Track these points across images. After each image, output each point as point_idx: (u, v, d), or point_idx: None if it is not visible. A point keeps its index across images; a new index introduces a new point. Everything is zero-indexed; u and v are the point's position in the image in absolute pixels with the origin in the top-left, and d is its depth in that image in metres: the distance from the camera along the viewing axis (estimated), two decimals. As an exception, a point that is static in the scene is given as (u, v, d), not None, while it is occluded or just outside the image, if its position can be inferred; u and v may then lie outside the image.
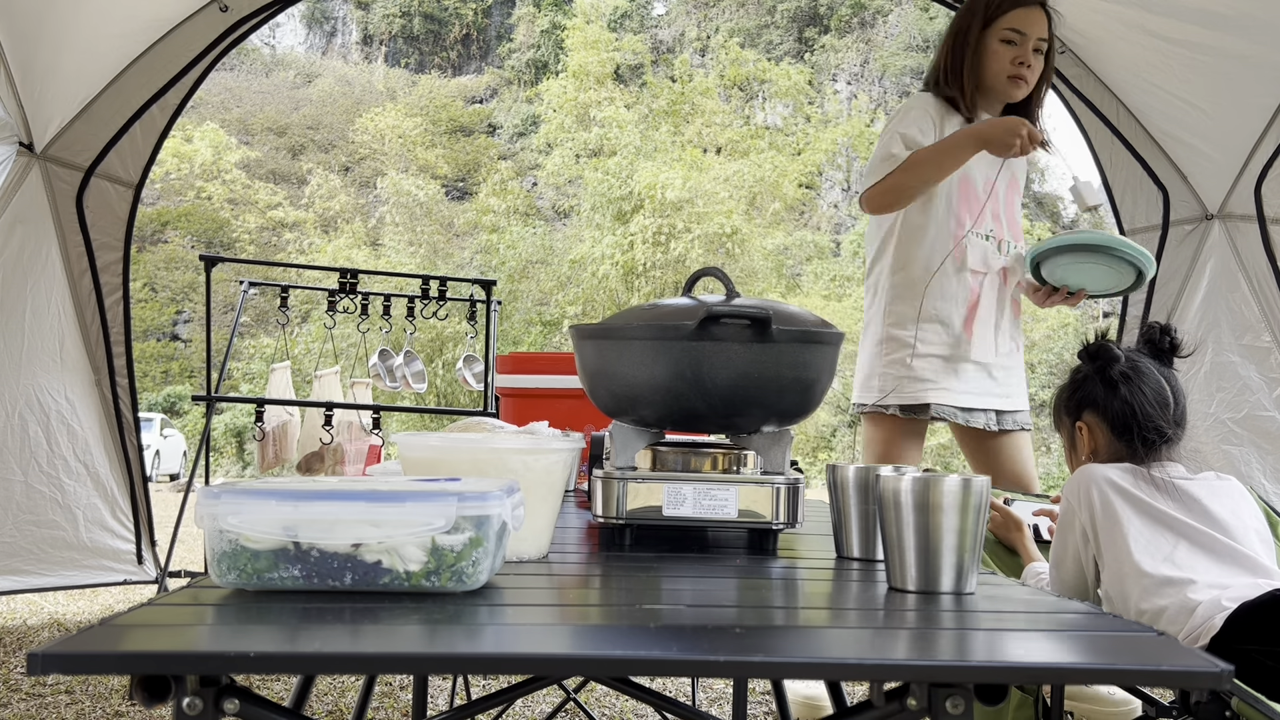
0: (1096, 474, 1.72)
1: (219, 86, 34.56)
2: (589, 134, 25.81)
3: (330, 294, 4.32)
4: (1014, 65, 2.36)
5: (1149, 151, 3.85)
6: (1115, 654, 0.82)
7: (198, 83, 4.00)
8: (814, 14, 34.78)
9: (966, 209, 2.41)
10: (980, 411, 2.44)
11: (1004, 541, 2.10)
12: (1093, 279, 2.35)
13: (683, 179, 21.20)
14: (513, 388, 2.94)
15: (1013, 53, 2.35)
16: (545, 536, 1.21)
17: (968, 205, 2.41)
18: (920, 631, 0.90)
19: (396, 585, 0.94)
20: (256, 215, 29.67)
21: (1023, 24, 2.35)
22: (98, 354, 4.07)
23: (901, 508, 1.07)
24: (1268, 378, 3.58)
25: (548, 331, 21.24)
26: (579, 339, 1.43)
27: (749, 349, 1.30)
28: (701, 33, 35.51)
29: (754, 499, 1.33)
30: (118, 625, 0.81)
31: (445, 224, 28.21)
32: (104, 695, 2.98)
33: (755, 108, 31.65)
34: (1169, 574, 1.60)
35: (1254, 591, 1.53)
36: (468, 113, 35.88)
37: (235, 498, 0.94)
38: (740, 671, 1.00)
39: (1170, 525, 1.66)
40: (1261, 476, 3.53)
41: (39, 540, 3.90)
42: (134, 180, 4.06)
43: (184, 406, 22.21)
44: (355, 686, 3.10)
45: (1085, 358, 1.87)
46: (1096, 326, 2.50)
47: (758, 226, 23.21)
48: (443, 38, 39.22)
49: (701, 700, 3.02)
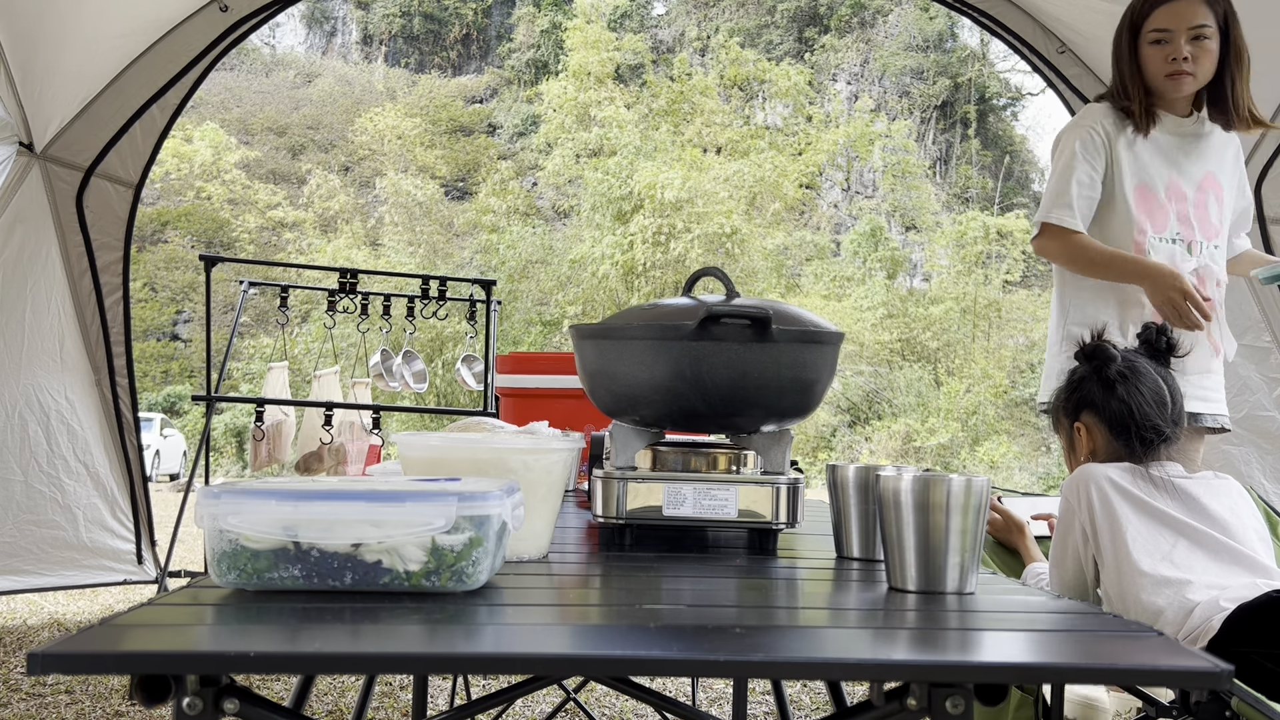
0: (1096, 473, 1.72)
1: (219, 86, 34.55)
2: (589, 134, 25.80)
3: (330, 294, 4.32)
4: (1168, 63, 2.33)
5: (1149, 151, 3.84)
6: (1115, 654, 0.82)
7: (198, 83, 4.01)
8: (814, 14, 34.76)
9: (1147, 215, 2.40)
10: None
11: (1005, 543, 2.10)
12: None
13: (682, 179, 21.20)
14: (513, 388, 2.94)
15: (1164, 51, 2.34)
16: (545, 536, 1.21)
17: (1148, 211, 2.40)
18: (920, 631, 0.90)
19: (396, 585, 0.94)
20: (256, 215, 29.65)
21: (1166, 20, 2.33)
22: (98, 354, 4.07)
23: (901, 508, 1.07)
24: (1268, 378, 3.58)
25: (548, 331, 21.24)
26: (579, 339, 1.43)
27: (749, 349, 1.30)
28: (701, 33, 35.50)
29: (754, 499, 1.33)
30: (118, 625, 0.81)
31: (445, 224, 28.19)
32: (104, 695, 2.98)
33: (755, 108, 31.64)
34: (1167, 574, 1.61)
35: (1252, 592, 1.53)
36: (468, 113, 35.87)
37: (235, 498, 0.94)
38: (740, 671, 1.00)
39: (1169, 524, 1.66)
40: (1261, 476, 3.53)
41: (39, 540, 3.90)
42: (134, 180, 4.06)
43: (184, 406, 22.19)
44: (355, 686, 3.10)
45: (1082, 358, 1.87)
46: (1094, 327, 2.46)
47: (758, 226, 23.21)
48: (443, 38, 39.21)
49: (701, 700, 3.02)
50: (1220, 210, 2.45)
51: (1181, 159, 2.42)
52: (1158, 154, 2.42)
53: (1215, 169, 2.46)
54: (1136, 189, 2.40)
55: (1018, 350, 23.58)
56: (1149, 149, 2.41)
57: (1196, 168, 2.43)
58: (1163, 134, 2.43)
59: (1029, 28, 3.85)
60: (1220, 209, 2.45)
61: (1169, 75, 2.34)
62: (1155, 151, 2.42)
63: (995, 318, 23.60)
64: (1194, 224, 2.41)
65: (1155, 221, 2.40)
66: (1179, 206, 2.41)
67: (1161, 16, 2.34)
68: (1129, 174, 2.40)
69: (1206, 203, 2.44)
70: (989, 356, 22.59)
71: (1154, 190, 2.40)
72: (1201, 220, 2.43)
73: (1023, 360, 23.26)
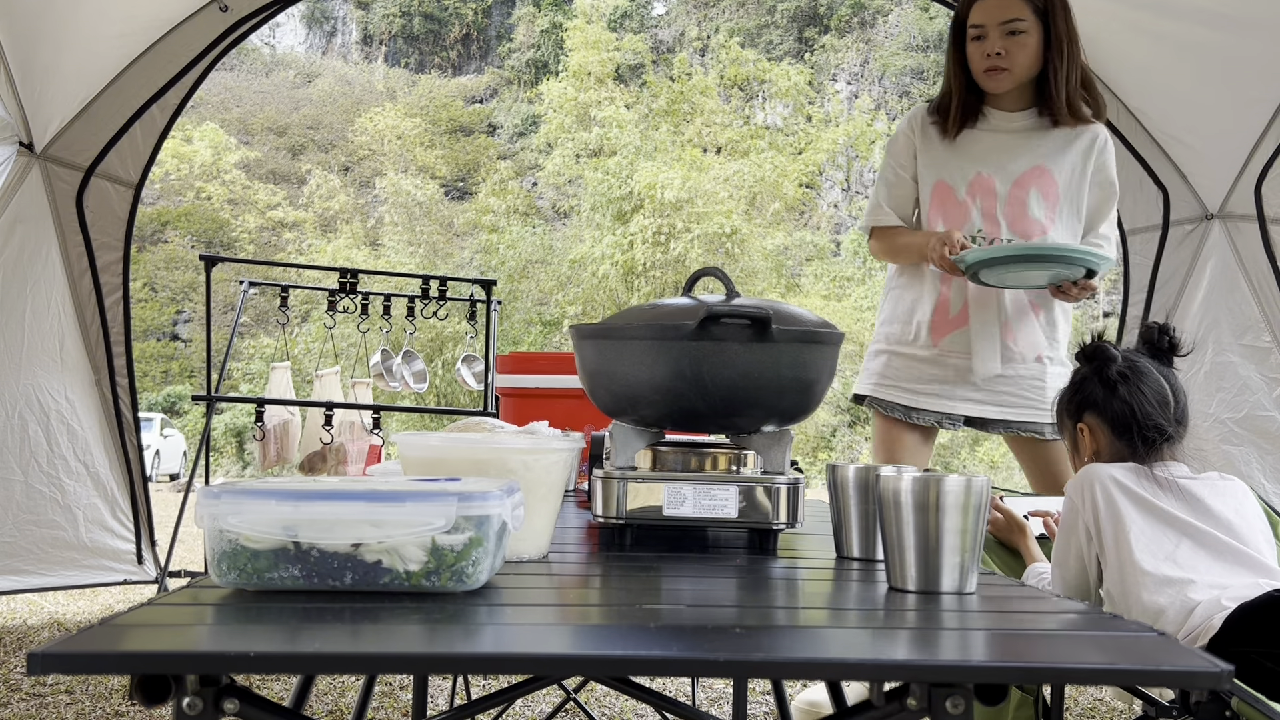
0: (1100, 473, 1.72)
1: (219, 86, 34.55)
2: (589, 134, 25.80)
3: (330, 294, 4.32)
4: (984, 59, 2.34)
5: (1149, 151, 3.85)
6: (1115, 654, 0.82)
7: (198, 83, 4.00)
8: (814, 14, 34.77)
9: (940, 213, 2.44)
10: (927, 412, 2.46)
11: (1005, 543, 2.10)
12: (1035, 278, 2.30)
13: (682, 179, 21.20)
14: (513, 388, 2.94)
15: (981, 48, 2.34)
16: (545, 536, 1.21)
17: (942, 209, 2.44)
18: (920, 631, 0.90)
19: (396, 585, 0.94)
20: (256, 215, 29.66)
21: (981, 16, 2.34)
22: (98, 354, 4.07)
23: (901, 507, 1.07)
24: (1268, 378, 3.58)
25: (548, 331, 21.24)
26: (579, 339, 1.43)
27: (749, 349, 1.30)
28: (701, 33, 35.51)
29: (754, 499, 1.33)
30: (118, 625, 0.81)
31: (445, 224, 28.20)
32: (104, 695, 2.98)
33: (755, 108, 31.64)
34: (1169, 573, 1.61)
35: (1254, 591, 1.53)
36: (468, 113, 35.87)
37: (235, 498, 0.94)
38: (740, 671, 1.00)
39: (1173, 524, 1.66)
40: (1261, 476, 3.53)
41: (39, 540, 3.89)
42: (134, 180, 4.05)
43: (184, 406, 22.20)
44: (355, 686, 3.10)
45: (1082, 359, 1.87)
46: (1094, 328, 2.47)
47: (758, 226, 23.20)
48: (443, 38, 39.21)
49: (701, 700, 3.02)
50: (1047, 206, 2.40)
51: (999, 155, 2.41)
52: (964, 152, 2.43)
53: (1046, 163, 2.41)
54: (934, 187, 2.45)
55: (1018, 350, 23.49)
56: (954, 148, 2.43)
57: (1018, 163, 2.40)
58: (986, 131, 2.43)
59: (1029, 28, 3.84)
60: (1047, 204, 2.40)
61: (986, 71, 2.35)
62: (962, 150, 2.43)
63: (995, 318, 23.53)
64: (1002, 221, 2.40)
65: (949, 218, 2.42)
66: (986, 203, 2.40)
67: (977, 13, 2.34)
68: (927, 174, 2.46)
69: (1025, 199, 2.40)
70: (989, 356, 22.53)
71: (953, 188, 2.42)
72: (1015, 217, 2.40)
73: (1023, 360, 23.18)
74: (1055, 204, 2.40)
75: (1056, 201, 2.40)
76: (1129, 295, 4.12)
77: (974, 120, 2.43)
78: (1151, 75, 3.59)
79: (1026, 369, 2.42)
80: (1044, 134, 2.41)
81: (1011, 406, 2.43)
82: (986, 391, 2.43)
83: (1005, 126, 2.43)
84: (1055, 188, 2.41)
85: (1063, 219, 2.41)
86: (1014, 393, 2.43)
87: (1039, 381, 2.42)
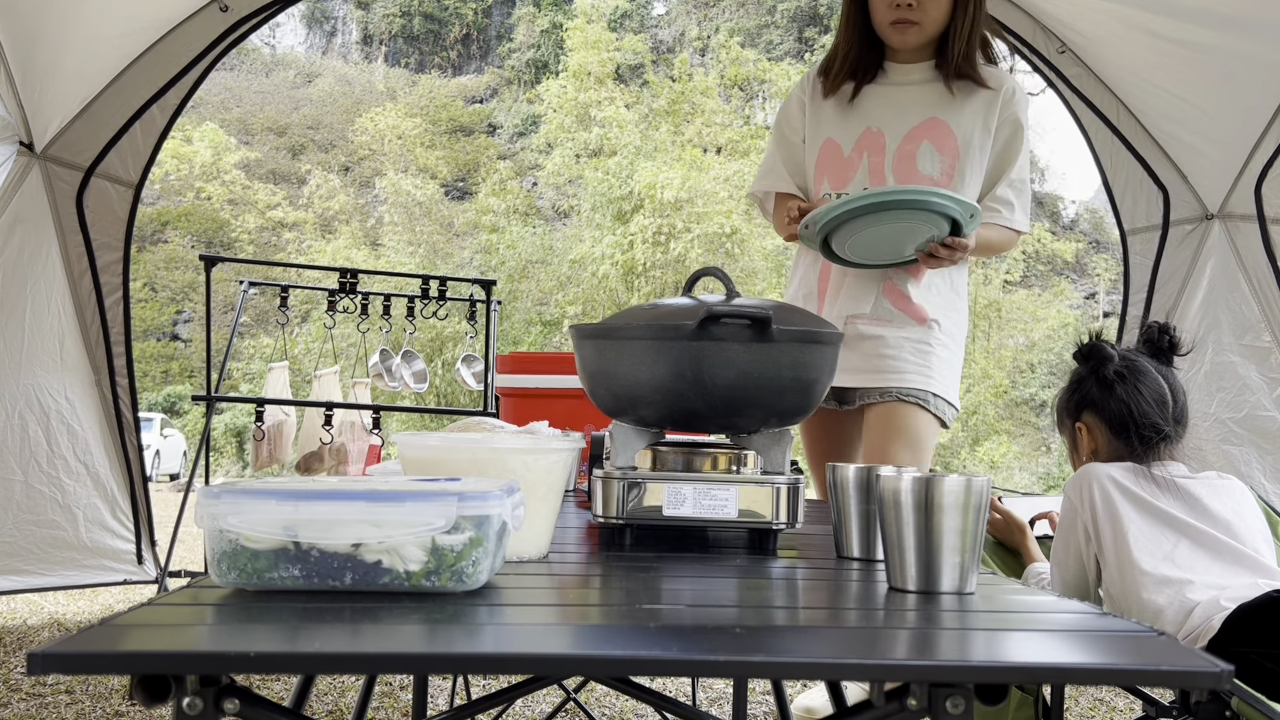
0: (1098, 472, 1.72)
1: (219, 86, 34.55)
2: (589, 134, 25.79)
3: (330, 294, 4.32)
4: (892, 10, 2.15)
5: (1149, 151, 3.85)
6: (1115, 654, 0.82)
7: (198, 83, 4.00)
8: (814, 14, 34.77)
9: (825, 171, 2.31)
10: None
11: (1005, 543, 2.10)
12: (897, 243, 2.08)
13: (682, 179, 21.19)
14: (513, 388, 2.94)
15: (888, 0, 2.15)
16: (545, 536, 1.21)
17: (825, 166, 2.31)
18: (920, 631, 0.90)
19: (396, 585, 0.94)
20: (256, 215, 29.66)
21: None
22: (98, 354, 4.07)
23: (901, 507, 1.07)
24: (1268, 378, 3.58)
25: (548, 331, 21.23)
26: (579, 339, 1.43)
27: (749, 349, 1.30)
28: (701, 33, 35.51)
29: (754, 499, 1.33)
30: (118, 625, 0.81)
31: (445, 224, 28.20)
32: (104, 695, 2.98)
33: (755, 108, 31.63)
34: (1168, 573, 1.61)
35: (1253, 592, 1.53)
36: (468, 113, 35.87)
37: (235, 498, 0.94)
38: (740, 671, 1.00)
39: (1171, 523, 1.66)
40: (1261, 476, 3.53)
41: (39, 540, 3.89)
42: (134, 180, 4.05)
43: (184, 406, 22.20)
44: (355, 686, 3.10)
45: (1080, 359, 1.87)
46: (1093, 328, 2.46)
47: (757, 226, 23.18)
48: (443, 38, 39.21)
49: (701, 700, 3.02)
50: (944, 161, 2.22)
51: (890, 109, 2.25)
52: (853, 109, 2.29)
53: (942, 114, 2.23)
54: (822, 146, 2.32)
55: (1018, 350, 23.59)
56: (840, 105, 2.30)
57: (910, 116, 2.24)
58: (880, 85, 2.28)
59: (1029, 28, 3.85)
60: (943, 159, 2.22)
61: (893, 23, 2.17)
62: (850, 106, 2.29)
63: (995, 317, 23.59)
64: (890, 177, 2.24)
65: (834, 177, 2.29)
66: (874, 160, 2.25)
67: None
68: (815, 133, 2.33)
69: (915, 153, 2.23)
70: (989, 356, 22.59)
71: (839, 145, 2.30)
72: (904, 171, 2.24)
73: (1023, 360, 23.27)
74: (954, 160, 2.22)
75: (955, 158, 2.22)
76: (1129, 295, 4.12)
77: (871, 77, 2.27)
78: (1151, 75, 3.59)
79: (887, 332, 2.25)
80: (942, 86, 2.23)
81: (862, 371, 2.27)
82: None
83: (900, 79, 2.26)
84: (953, 141, 2.22)
85: (964, 178, 2.22)
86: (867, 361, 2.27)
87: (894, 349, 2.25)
